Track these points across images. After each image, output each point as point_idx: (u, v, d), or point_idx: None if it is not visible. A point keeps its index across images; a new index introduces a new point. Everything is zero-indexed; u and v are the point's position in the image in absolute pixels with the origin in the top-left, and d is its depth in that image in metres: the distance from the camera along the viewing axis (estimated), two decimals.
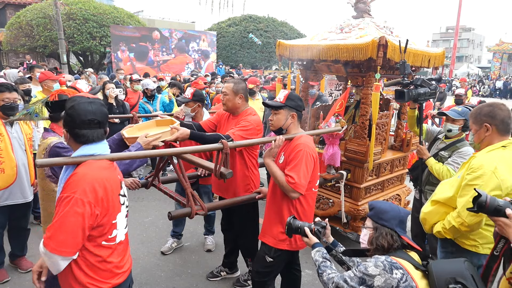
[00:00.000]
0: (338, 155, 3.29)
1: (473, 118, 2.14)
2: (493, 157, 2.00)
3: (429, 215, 2.24)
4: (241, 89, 2.79)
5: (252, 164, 2.91)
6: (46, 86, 4.57)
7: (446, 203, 2.14)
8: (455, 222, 2.03)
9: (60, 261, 1.49)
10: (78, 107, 1.56)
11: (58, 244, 1.45)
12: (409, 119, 3.29)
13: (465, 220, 1.97)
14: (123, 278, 1.70)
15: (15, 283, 3.21)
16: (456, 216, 2.03)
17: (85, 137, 1.57)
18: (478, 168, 1.98)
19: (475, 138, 2.14)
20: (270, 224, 2.38)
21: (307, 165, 2.20)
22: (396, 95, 2.96)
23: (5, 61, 21.01)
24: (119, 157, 1.73)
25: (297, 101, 2.34)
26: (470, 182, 1.99)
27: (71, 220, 1.45)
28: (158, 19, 30.06)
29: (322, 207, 3.79)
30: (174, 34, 16.85)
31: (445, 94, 10.12)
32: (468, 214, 1.96)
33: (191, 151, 2.23)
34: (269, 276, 2.46)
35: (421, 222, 2.33)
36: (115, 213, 1.61)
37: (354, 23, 3.64)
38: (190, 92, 3.49)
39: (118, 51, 15.08)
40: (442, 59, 3.88)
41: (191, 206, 2.18)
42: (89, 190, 1.48)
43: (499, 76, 29.08)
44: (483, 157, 2.03)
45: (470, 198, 1.92)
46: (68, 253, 1.48)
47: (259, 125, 2.79)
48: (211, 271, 3.40)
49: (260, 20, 25.60)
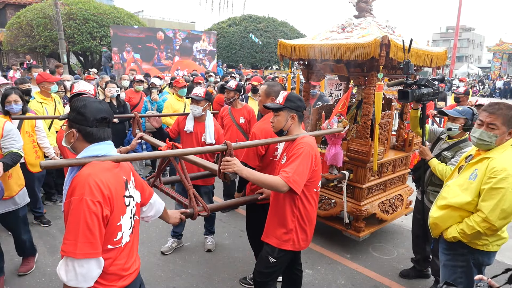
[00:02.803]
0: (341, 155, 3.27)
1: (505, 120, 2.03)
2: (511, 156, 2.01)
3: (441, 220, 2.19)
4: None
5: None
6: (44, 88, 4.55)
7: (462, 208, 2.10)
8: (480, 227, 1.98)
9: (94, 266, 1.45)
10: (90, 105, 1.58)
11: (84, 246, 1.40)
12: (411, 120, 3.25)
13: (495, 225, 1.95)
14: (130, 280, 1.67)
15: (15, 283, 3.19)
16: (481, 221, 1.99)
17: (96, 135, 1.59)
18: (502, 171, 1.95)
19: (499, 139, 2.06)
20: (273, 225, 2.36)
21: (305, 163, 2.15)
22: (400, 95, 2.93)
23: (5, 61, 21.02)
24: (123, 158, 1.71)
25: (297, 102, 2.31)
26: (496, 185, 1.95)
27: (87, 221, 1.42)
28: (158, 19, 30.08)
29: (324, 207, 3.78)
30: (178, 35, 16.97)
31: (445, 94, 10.11)
32: (498, 218, 1.94)
33: (194, 153, 2.21)
34: (271, 277, 2.44)
35: (430, 227, 2.29)
36: (120, 214, 1.59)
37: (356, 22, 3.62)
38: (202, 91, 3.49)
39: (124, 52, 15.22)
40: (444, 58, 3.87)
41: (194, 207, 2.15)
42: (96, 190, 1.47)
43: (499, 76, 29.08)
44: (502, 158, 2.00)
45: (497, 201, 1.93)
46: (97, 254, 1.44)
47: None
48: (244, 277, 3.33)
49: (260, 20, 25.60)
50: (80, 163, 1.54)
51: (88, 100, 1.61)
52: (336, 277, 3.42)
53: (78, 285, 1.44)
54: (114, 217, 1.55)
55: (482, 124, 2.09)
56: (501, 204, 1.94)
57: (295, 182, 2.10)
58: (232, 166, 2.00)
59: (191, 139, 3.57)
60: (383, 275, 3.47)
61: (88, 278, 1.45)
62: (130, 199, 1.68)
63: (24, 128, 3.82)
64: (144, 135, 2.99)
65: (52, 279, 3.25)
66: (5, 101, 3.52)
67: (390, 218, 3.92)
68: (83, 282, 1.44)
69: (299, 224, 2.29)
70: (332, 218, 3.85)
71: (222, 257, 3.75)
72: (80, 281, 1.43)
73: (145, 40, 15.86)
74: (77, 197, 1.45)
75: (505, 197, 1.93)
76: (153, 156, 1.96)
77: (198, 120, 3.59)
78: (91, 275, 1.45)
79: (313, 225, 2.40)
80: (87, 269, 1.43)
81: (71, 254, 1.40)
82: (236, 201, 2.71)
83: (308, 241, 2.39)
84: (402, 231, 4.41)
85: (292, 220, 2.27)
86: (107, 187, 1.51)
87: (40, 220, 4.33)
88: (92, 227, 1.43)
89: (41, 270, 3.39)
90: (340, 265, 3.61)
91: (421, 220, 3.20)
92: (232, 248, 3.93)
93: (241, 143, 2.27)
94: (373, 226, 3.84)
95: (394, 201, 3.98)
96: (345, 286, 3.30)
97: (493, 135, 2.06)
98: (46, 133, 4.16)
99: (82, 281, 1.44)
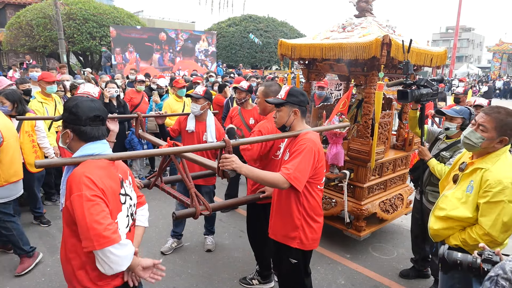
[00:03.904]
0: (342, 154, 3.27)
1: (498, 125, 1.94)
2: (505, 166, 1.94)
3: (443, 232, 2.15)
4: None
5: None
6: (41, 87, 4.56)
7: (461, 220, 2.05)
8: (482, 240, 1.92)
9: (118, 250, 1.48)
10: (82, 104, 1.60)
11: (98, 238, 1.43)
12: (410, 120, 3.23)
13: (497, 239, 1.92)
14: None
15: (15, 283, 3.19)
16: (483, 234, 1.94)
17: (91, 134, 1.60)
18: (497, 184, 1.88)
19: (486, 143, 1.97)
20: (279, 224, 2.32)
21: (307, 160, 2.10)
22: (399, 95, 2.92)
23: (5, 61, 21.00)
24: (118, 157, 1.71)
25: (299, 96, 2.26)
26: (492, 199, 1.89)
27: (92, 212, 1.44)
28: (158, 19, 30.09)
29: (325, 206, 3.77)
30: (180, 35, 17.12)
31: (445, 94, 10.11)
32: (499, 232, 1.89)
33: (193, 150, 2.19)
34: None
35: (432, 237, 2.26)
36: (116, 212, 1.60)
37: (356, 22, 3.62)
38: (202, 90, 3.48)
39: (126, 52, 15.44)
40: (444, 58, 3.87)
41: (196, 206, 2.14)
42: (92, 185, 1.49)
43: (499, 76, 29.08)
44: (495, 170, 1.93)
45: (497, 216, 1.88)
46: (113, 240, 1.46)
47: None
48: (244, 277, 3.32)
49: (260, 20, 25.58)
50: (74, 162, 1.56)
51: (79, 99, 1.63)
52: (336, 277, 3.41)
53: (116, 271, 1.51)
54: (110, 214, 1.55)
55: (475, 124, 2.02)
56: (501, 218, 1.88)
57: (296, 179, 2.05)
58: (230, 163, 1.97)
59: (192, 138, 3.57)
60: (383, 275, 3.46)
61: (121, 261, 1.50)
62: (126, 197, 1.69)
63: (23, 128, 3.82)
64: (145, 133, 2.99)
65: (52, 279, 3.24)
66: None
67: (391, 217, 3.92)
68: (118, 266, 1.50)
69: (306, 221, 2.23)
70: (333, 218, 3.84)
71: (222, 257, 3.75)
72: (115, 268, 1.50)
73: (147, 41, 16.07)
74: (75, 194, 1.47)
75: (504, 211, 1.88)
76: (151, 154, 1.95)
77: (199, 120, 3.59)
78: (121, 258, 1.50)
79: (320, 222, 2.31)
80: (114, 255, 1.47)
81: (91, 247, 1.44)
82: (238, 200, 2.70)
83: (317, 239, 2.31)
84: (402, 231, 4.40)
85: (298, 218, 2.22)
86: (101, 183, 1.53)
87: (40, 220, 4.32)
88: (99, 214, 1.45)
89: (41, 270, 3.38)
90: (340, 265, 3.61)
91: (419, 220, 3.19)
92: (232, 248, 3.93)
93: (241, 140, 2.24)
94: (373, 225, 3.84)
95: (395, 201, 3.98)
96: (345, 286, 3.30)
97: (480, 137, 1.97)
98: (46, 133, 4.15)
99: (117, 266, 1.50)
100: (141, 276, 1.64)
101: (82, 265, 1.56)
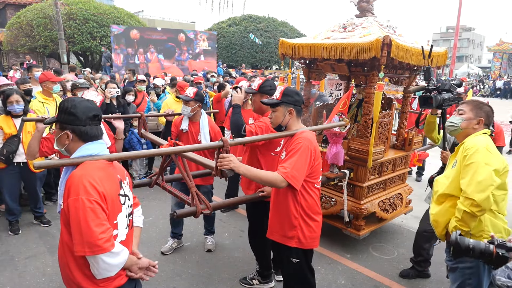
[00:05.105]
0: (342, 154, 3.27)
1: (475, 108, 2.26)
2: (482, 138, 2.18)
3: (439, 215, 2.22)
4: None
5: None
6: (46, 87, 4.54)
7: (451, 193, 2.17)
8: (464, 206, 2.02)
9: (108, 259, 1.48)
10: (80, 104, 1.61)
11: (90, 245, 1.43)
12: (427, 125, 3.11)
13: (474, 199, 1.98)
14: (126, 279, 1.67)
15: (15, 283, 3.19)
16: (463, 200, 2.04)
17: (91, 133, 1.62)
18: (472, 147, 2.09)
19: (465, 123, 2.25)
20: (276, 223, 2.33)
21: (303, 158, 2.11)
22: (421, 101, 2.82)
23: (5, 61, 21.02)
24: (117, 157, 1.71)
25: (294, 96, 2.27)
26: (468, 161, 2.07)
27: (87, 219, 1.43)
28: (158, 19, 30.05)
29: (325, 206, 3.78)
30: (199, 36, 17.95)
31: None
32: (475, 191, 1.98)
33: (192, 149, 2.20)
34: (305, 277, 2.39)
35: (432, 225, 2.29)
36: (116, 213, 1.60)
37: (357, 22, 3.62)
38: (192, 91, 3.47)
39: (148, 52, 16.29)
40: (445, 58, 3.87)
41: (196, 205, 2.15)
42: (91, 189, 1.47)
43: (499, 76, 29.06)
44: (473, 139, 2.18)
45: (471, 175, 2.02)
46: (104, 249, 1.45)
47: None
48: (244, 277, 3.32)
49: (260, 20, 25.58)
50: (73, 162, 1.56)
51: (76, 99, 1.64)
52: (336, 277, 3.41)
53: (104, 276, 1.52)
54: (110, 215, 1.55)
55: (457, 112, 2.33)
56: (475, 177, 2.01)
57: (294, 178, 2.07)
58: (228, 162, 1.98)
59: (187, 138, 3.58)
60: (383, 275, 3.46)
61: (111, 268, 1.51)
62: (125, 198, 1.69)
63: (26, 128, 3.83)
64: (147, 133, 2.99)
65: (52, 279, 3.25)
66: (7, 101, 3.51)
67: (390, 217, 3.92)
68: (107, 272, 1.52)
69: (303, 220, 2.24)
70: (332, 217, 3.84)
71: (222, 257, 3.75)
72: (103, 273, 1.51)
73: (167, 41, 16.93)
74: (73, 197, 1.46)
75: (478, 170, 2.01)
76: (151, 154, 1.95)
77: (192, 120, 3.59)
78: (111, 265, 1.51)
79: (318, 221, 2.32)
80: (105, 263, 1.48)
81: (81, 252, 1.44)
82: (238, 199, 2.70)
83: (316, 238, 2.32)
84: (402, 231, 4.40)
85: (296, 217, 2.23)
86: (101, 185, 1.52)
87: (40, 220, 4.32)
88: (94, 221, 1.44)
89: (41, 270, 3.38)
90: (340, 265, 3.61)
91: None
92: (232, 248, 3.93)
93: (238, 139, 2.25)
94: (373, 224, 3.84)
95: (394, 200, 3.98)
96: (345, 286, 3.30)
97: (459, 118, 2.27)
98: (47, 134, 4.15)
99: (106, 272, 1.51)
100: (135, 273, 1.67)
101: (80, 266, 1.55)
